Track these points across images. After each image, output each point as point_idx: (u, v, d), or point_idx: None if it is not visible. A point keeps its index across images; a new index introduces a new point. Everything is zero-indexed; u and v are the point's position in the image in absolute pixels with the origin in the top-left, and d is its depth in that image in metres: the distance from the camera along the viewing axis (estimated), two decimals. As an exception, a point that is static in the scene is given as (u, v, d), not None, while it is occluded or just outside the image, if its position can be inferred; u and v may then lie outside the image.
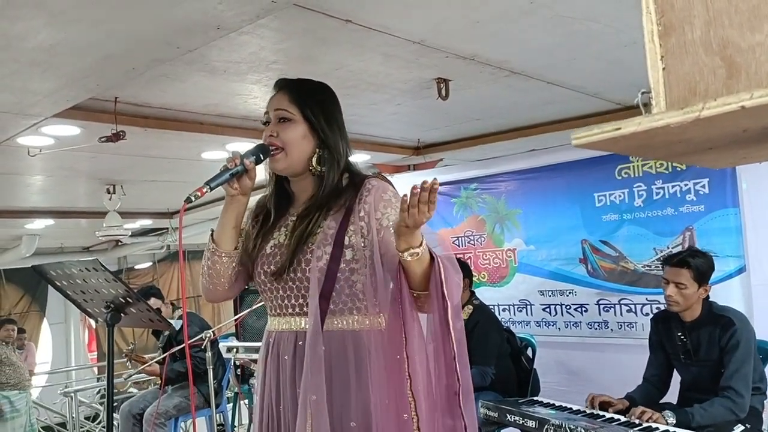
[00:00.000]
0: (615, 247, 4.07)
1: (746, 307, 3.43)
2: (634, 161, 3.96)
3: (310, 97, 1.70)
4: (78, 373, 9.91)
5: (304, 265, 1.60)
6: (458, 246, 4.88)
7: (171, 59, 2.54)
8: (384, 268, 1.55)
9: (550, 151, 4.40)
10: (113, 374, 2.42)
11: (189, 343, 4.00)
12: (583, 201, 4.21)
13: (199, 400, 4.57)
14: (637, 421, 2.59)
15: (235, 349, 4.47)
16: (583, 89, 3.60)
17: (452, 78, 3.26)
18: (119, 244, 9.06)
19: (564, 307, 4.31)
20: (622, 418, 2.66)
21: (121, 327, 2.51)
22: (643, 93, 0.72)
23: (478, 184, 4.77)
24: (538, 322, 4.44)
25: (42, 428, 6.79)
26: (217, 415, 4.64)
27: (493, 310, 4.21)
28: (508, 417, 2.83)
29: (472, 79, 3.28)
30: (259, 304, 3.95)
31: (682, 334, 2.89)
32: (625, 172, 4.01)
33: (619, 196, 4.04)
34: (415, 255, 1.45)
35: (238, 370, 4.87)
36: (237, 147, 3.82)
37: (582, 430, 2.51)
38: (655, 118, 0.65)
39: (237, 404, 5.29)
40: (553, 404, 2.95)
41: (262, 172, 1.80)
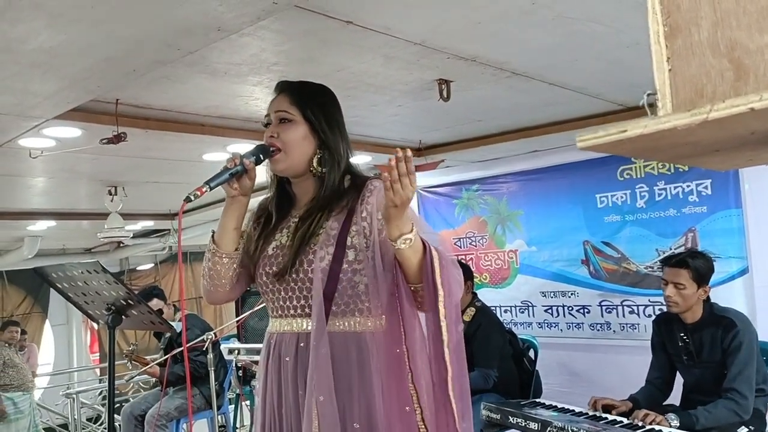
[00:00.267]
0: (617, 248, 4.06)
1: (749, 309, 3.43)
2: (636, 162, 3.95)
3: (311, 99, 1.70)
4: (80, 374, 9.91)
5: (306, 266, 1.59)
6: (460, 247, 4.87)
7: (172, 61, 2.54)
8: (385, 269, 1.55)
9: (551, 152, 4.39)
10: (115, 376, 2.43)
11: (191, 346, 4.01)
12: (585, 202, 4.20)
13: (201, 401, 4.58)
14: (641, 424, 2.58)
15: (236, 351, 4.46)
16: (585, 90, 3.58)
17: (453, 79, 3.25)
18: (121, 245, 9.04)
19: (566, 308, 4.30)
20: (625, 421, 2.65)
21: (122, 329, 2.51)
22: (649, 95, 0.71)
23: (480, 185, 4.77)
24: (540, 324, 4.43)
25: (44, 429, 6.79)
26: (219, 417, 4.64)
27: (495, 312, 4.20)
28: (511, 419, 2.82)
29: (474, 80, 3.27)
30: (261, 306, 3.94)
31: (684, 336, 2.88)
32: (627, 173, 4.00)
33: (621, 197, 4.03)
34: (408, 241, 1.46)
35: (240, 372, 4.86)
36: (238, 149, 3.82)
37: (585, 433, 2.51)
38: (661, 121, 0.64)
39: (239, 406, 5.29)
40: (556, 406, 2.94)
41: (265, 174, 1.79)
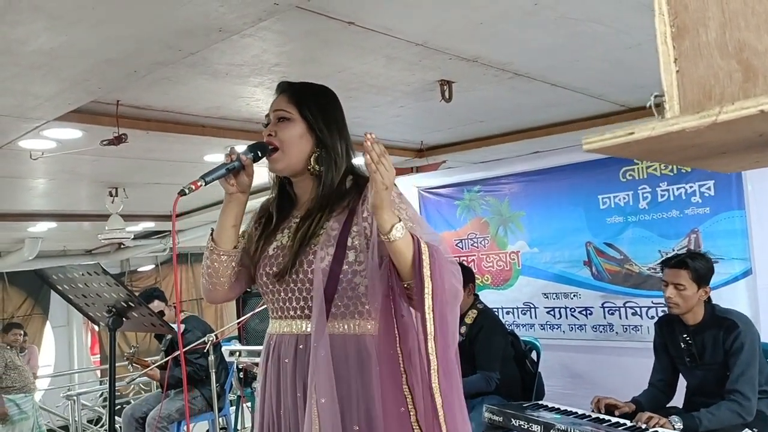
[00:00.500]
0: (620, 249, 4.04)
1: (752, 310, 3.41)
2: (638, 163, 3.93)
3: (309, 98, 1.70)
4: (81, 376, 9.90)
5: (306, 267, 1.59)
6: (461, 248, 4.86)
7: (173, 62, 2.53)
8: (381, 269, 1.53)
9: (553, 153, 4.37)
10: (115, 377, 2.42)
11: (192, 348, 4.01)
12: (587, 203, 4.18)
13: (203, 403, 4.57)
14: (644, 427, 2.57)
15: (237, 353, 4.45)
16: (587, 91, 3.58)
17: (455, 80, 3.24)
18: (122, 246, 9.04)
19: (568, 310, 4.28)
20: (629, 423, 2.64)
21: (123, 331, 2.51)
22: (656, 96, 0.70)
23: (482, 187, 4.75)
24: (542, 325, 4.42)
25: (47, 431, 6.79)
26: (220, 419, 4.63)
27: (497, 313, 4.19)
28: (513, 421, 2.81)
29: (476, 81, 3.27)
30: (262, 307, 3.93)
31: (687, 337, 2.87)
32: (630, 174, 3.99)
33: (624, 198, 4.02)
34: (400, 229, 1.44)
35: (241, 374, 4.85)
36: (240, 149, 3.81)
37: (587, 435, 2.49)
38: (669, 123, 0.63)
39: (240, 407, 5.28)
40: (558, 408, 2.92)
41: (267, 175, 1.79)
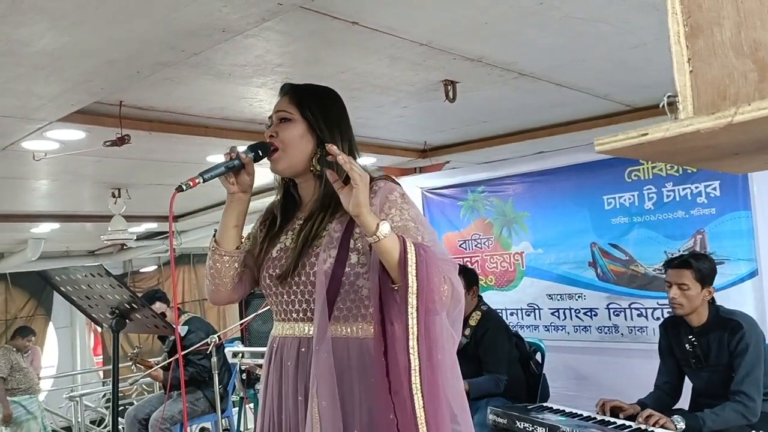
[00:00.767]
0: (625, 250, 4.03)
1: (759, 311, 3.39)
2: (644, 163, 3.92)
3: (311, 98, 1.69)
4: (84, 377, 9.91)
5: (309, 269, 1.57)
6: (465, 249, 4.84)
7: (176, 63, 2.52)
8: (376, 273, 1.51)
9: (558, 154, 4.36)
10: (118, 379, 2.42)
11: (195, 349, 4.00)
12: (592, 204, 4.17)
13: (205, 405, 4.57)
14: (643, 427, 2.55)
15: (240, 354, 4.45)
16: (592, 91, 3.56)
17: (460, 80, 3.22)
18: (124, 247, 9.06)
19: (573, 311, 4.26)
20: (633, 425, 2.62)
21: (126, 333, 2.50)
22: (669, 96, 0.69)
23: (486, 187, 4.74)
24: (546, 327, 4.40)
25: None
26: (223, 420, 4.62)
27: (501, 315, 4.17)
28: (517, 423, 2.79)
29: (480, 81, 3.25)
30: (265, 309, 3.93)
31: (692, 339, 2.85)
32: (635, 175, 3.97)
33: (629, 198, 4.00)
34: (385, 228, 1.40)
35: (244, 375, 4.85)
36: (242, 149, 3.80)
37: (593, 438, 2.48)
38: (683, 124, 0.62)
39: (242, 409, 5.27)
40: (563, 410, 2.91)
41: (272, 176, 1.78)
